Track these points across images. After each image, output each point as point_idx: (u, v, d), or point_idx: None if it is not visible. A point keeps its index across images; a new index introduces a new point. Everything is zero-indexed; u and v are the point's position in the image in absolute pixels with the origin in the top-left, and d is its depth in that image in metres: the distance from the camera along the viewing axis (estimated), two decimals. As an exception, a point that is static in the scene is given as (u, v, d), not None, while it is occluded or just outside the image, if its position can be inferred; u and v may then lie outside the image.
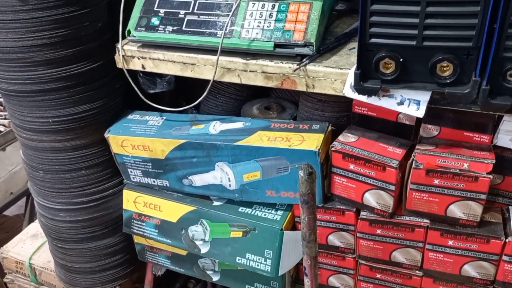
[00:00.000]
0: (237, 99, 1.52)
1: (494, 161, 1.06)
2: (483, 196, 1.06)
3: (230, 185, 1.29)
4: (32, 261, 1.81)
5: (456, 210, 1.10)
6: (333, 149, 1.17)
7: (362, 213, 1.21)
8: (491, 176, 1.03)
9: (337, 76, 1.06)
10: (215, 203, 1.35)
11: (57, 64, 1.21)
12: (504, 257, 1.11)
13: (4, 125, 2.35)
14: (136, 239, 1.52)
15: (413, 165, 1.08)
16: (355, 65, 0.98)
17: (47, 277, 1.79)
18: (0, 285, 1.45)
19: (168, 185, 1.38)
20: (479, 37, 0.87)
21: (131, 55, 1.27)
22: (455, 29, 0.88)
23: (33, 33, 1.16)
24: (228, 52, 1.16)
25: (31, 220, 2.41)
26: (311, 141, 1.17)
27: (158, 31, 1.21)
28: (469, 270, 1.16)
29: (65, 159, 1.36)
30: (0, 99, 2.57)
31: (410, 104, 0.99)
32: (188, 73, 1.22)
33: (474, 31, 0.86)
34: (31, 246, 1.88)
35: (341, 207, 1.23)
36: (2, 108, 2.53)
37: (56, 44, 1.19)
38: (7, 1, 1.12)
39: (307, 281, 1.07)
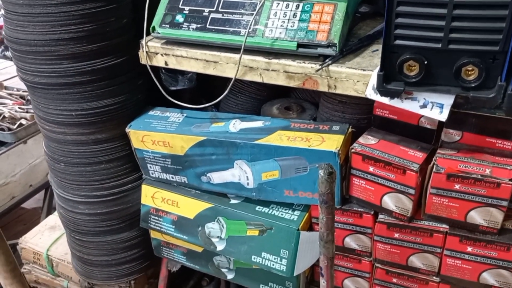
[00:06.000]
0: (257, 99, 1.52)
1: (517, 167, 1.04)
2: (504, 203, 1.04)
3: (248, 184, 1.29)
4: (49, 252, 1.84)
5: (476, 216, 1.09)
6: (353, 150, 1.16)
7: (380, 216, 1.20)
8: (513, 183, 1.02)
9: (359, 77, 1.06)
10: (233, 201, 1.35)
11: (82, 58, 1.23)
12: (524, 266, 1.09)
13: (26, 119, 2.39)
14: (153, 234, 1.54)
15: (434, 169, 1.07)
16: (378, 66, 0.97)
17: (64, 269, 1.82)
18: (19, 275, 1.48)
19: (186, 181, 1.39)
20: (506, 41, 0.86)
21: (154, 52, 1.28)
22: (481, 32, 0.87)
23: (60, 27, 1.18)
24: (251, 51, 1.16)
25: (48, 213, 2.45)
26: (331, 142, 1.17)
27: (182, 28, 1.22)
28: (488, 278, 1.14)
29: (86, 152, 1.38)
30: (23, 93, 2.62)
31: (433, 107, 0.98)
32: (210, 70, 1.23)
33: (501, 35, 0.85)
34: (49, 237, 1.91)
35: (359, 209, 1.22)
36: (24, 101, 2.57)
37: (82, 38, 1.21)
38: (36, -5, 1.15)
39: (323, 282, 1.07)
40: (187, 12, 1.23)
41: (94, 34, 1.22)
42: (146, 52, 1.29)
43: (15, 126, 2.33)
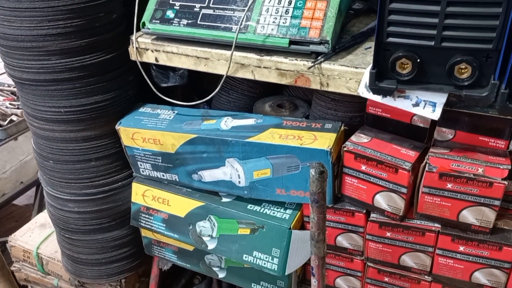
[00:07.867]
0: (249, 96, 1.50)
1: (510, 166, 1.03)
2: (497, 202, 1.04)
3: (239, 182, 1.28)
4: (39, 250, 1.82)
5: (468, 216, 1.08)
6: (345, 149, 1.15)
7: (372, 215, 1.19)
8: (506, 182, 1.01)
9: (352, 75, 1.05)
10: (224, 200, 1.34)
11: (71, 54, 1.21)
12: (516, 266, 1.09)
13: (16, 115, 2.37)
14: (144, 232, 1.52)
15: (426, 168, 1.06)
16: (371, 64, 0.96)
17: (54, 267, 1.80)
18: (7, 273, 1.46)
19: (177, 179, 1.37)
20: (499, 40, 0.85)
21: (145, 48, 1.26)
22: (475, 30, 0.86)
23: (48, 22, 1.16)
24: (243, 47, 1.15)
25: (40, 210, 2.43)
26: (323, 140, 1.16)
27: (173, 24, 1.20)
28: (480, 277, 1.14)
29: (76, 149, 1.36)
30: (14, 89, 2.59)
31: (425, 105, 0.97)
32: (201, 67, 1.22)
33: (494, 33, 0.84)
34: (39, 235, 1.88)
35: (351, 208, 1.21)
36: (15, 97, 2.55)
37: (70, 34, 1.19)
38: (23, -11, 1.12)
39: (314, 281, 1.06)
40: (177, 7, 1.21)
41: (83, 29, 1.20)
42: (136, 48, 1.27)
43: (5, 123, 2.30)
